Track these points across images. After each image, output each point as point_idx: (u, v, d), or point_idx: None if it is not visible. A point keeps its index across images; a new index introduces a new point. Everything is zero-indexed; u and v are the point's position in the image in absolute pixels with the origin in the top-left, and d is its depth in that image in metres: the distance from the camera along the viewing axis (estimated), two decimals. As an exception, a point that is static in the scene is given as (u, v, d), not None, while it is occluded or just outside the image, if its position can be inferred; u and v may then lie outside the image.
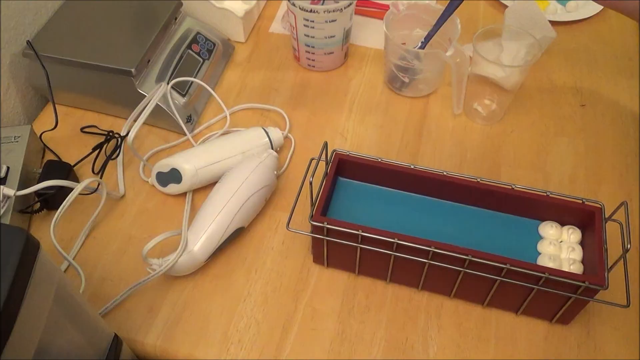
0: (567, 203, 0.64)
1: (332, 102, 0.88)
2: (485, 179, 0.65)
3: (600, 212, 0.63)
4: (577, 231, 0.65)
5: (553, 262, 0.62)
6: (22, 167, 0.73)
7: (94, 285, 0.68)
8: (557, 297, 0.60)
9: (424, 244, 0.59)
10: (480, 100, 0.84)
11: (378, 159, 0.68)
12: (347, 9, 0.83)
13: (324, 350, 0.63)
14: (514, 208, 0.67)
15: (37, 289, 0.41)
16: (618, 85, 0.89)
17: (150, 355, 0.65)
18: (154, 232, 0.70)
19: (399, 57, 0.82)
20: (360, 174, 0.70)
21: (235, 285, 0.68)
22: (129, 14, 0.86)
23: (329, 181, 0.66)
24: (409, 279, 0.67)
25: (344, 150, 0.68)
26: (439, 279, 0.64)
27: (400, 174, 0.68)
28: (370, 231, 0.60)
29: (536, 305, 0.63)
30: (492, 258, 0.58)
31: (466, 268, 0.60)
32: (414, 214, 0.69)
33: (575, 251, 0.64)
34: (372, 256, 0.64)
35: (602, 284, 0.57)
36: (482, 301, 0.65)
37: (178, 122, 0.81)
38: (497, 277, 0.60)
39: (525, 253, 0.65)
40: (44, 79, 0.79)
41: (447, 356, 0.63)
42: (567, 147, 0.82)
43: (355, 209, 0.69)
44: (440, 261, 0.61)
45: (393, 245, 0.60)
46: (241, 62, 0.94)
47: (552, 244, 0.64)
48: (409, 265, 0.63)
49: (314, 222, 0.62)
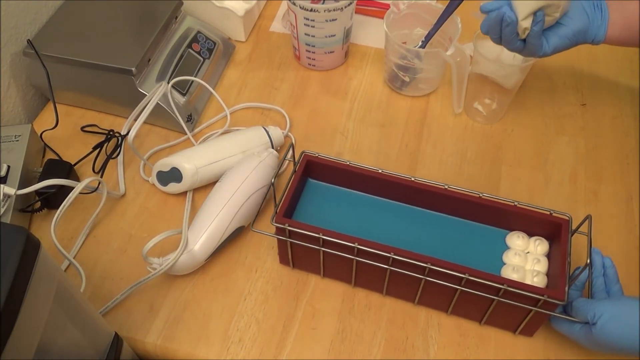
0: (534, 214, 0.63)
1: (332, 101, 0.88)
2: (453, 187, 0.65)
3: (567, 225, 0.61)
4: (544, 243, 0.64)
5: (516, 274, 0.61)
6: (22, 166, 0.73)
7: (94, 285, 0.68)
8: (519, 309, 0.59)
9: (383, 250, 0.58)
10: (480, 99, 0.84)
11: (347, 162, 0.67)
12: (347, 8, 0.83)
13: (324, 349, 0.63)
14: (483, 217, 0.66)
15: (38, 288, 0.41)
16: (618, 84, 0.89)
17: (150, 354, 0.65)
18: (154, 232, 0.70)
19: (400, 56, 0.82)
20: (330, 177, 0.70)
21: (235, 284, 0.68)
22: (129, 13, 0.86)
23: (294, 183, 0.65)
24: (373, 284, 0.66)
25: (313, 152, 0.68)
26: (401, 285, 0.63)
27: (369, 178, 0.67)
28: (331, 235, 0.60)
29: (499, 316, 0.62)
30: (452, 267, 0.57)
31: (426, 276, 0.59)
32: (382, 218, 0.68)
33: (541, 263, 0.62)
34: (336, 259, 0.63)
35: (561, 298, 0.55)
36: (445, 309, 0.64)
37: (178, 121, 0.81)
38: (457, 286, 0.59)
39: (491, 263, 0.64)
40: (45, 78, 0.79)
41: (447, 356, 0.63)
42: (568, 146, 0.81)
43: (323, 211, 0.69)
44: (401, 268, 0.60)
45: (354, 249, 0.59)
46: (241, 61, 0.94)
47: (517, 254, 0.63)
48: (372, 270, 0.62)
49: (275, 224, 0.61)
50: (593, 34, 0.69)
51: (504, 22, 0.65)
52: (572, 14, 0.67)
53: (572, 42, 0.69)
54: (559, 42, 0.68)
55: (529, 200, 0.75)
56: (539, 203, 0.75)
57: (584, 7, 0.68)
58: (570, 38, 0.68)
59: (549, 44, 0.68)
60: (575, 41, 0.69)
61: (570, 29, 0.67)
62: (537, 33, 0.65)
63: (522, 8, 0.64)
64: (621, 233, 0.72)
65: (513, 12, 0.64)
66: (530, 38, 0.66)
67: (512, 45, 0.68)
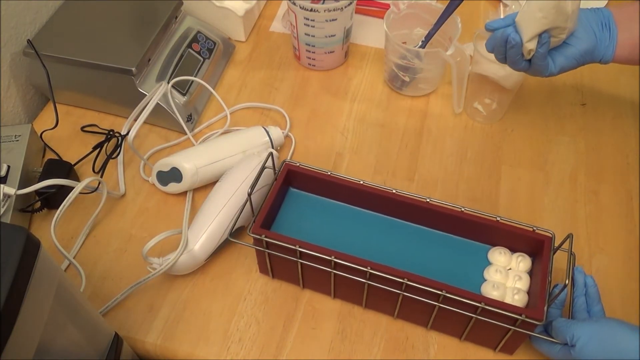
0: (517, 230, 0.62)
1: (332, 101, 0.88)
2: (435, 200, 0.64)
3: (549, 242, 0.60)
4: (527, 259, 0.63)
5: (497, 291, 0.60)
6: (22, 166, 0.73)
7: (94, 284, 0.68)
8: (498, 327, 0.57)
9: (360, 264, 0.58)
10: (480, 99, 0.84)
11: (328, 172, 0.66)
12: (347, 8, 0.83)
13: (324, 349, 0.63)
14: (465, 231, 0.65)
15: (38, 288, 0.41)
16: (618, 84, 0.89)
17: (150, 354, 0.65)
18: (154, 231, 0.70)
19: (400, 56, 0.82)
20: (312, 186, 0.69)
21: (235, 284, 0.68)
22: (129, 13, 0.86)
23: (274, 192, 0.64)
24: (352, 296, 0.65)
25: (295, 161, 0.67)
26: (380, 298, 0.62)
27: (350, 189, 0.66)
28: (308, 247, 0.59)
29: (479, 334, 0.61)
30: (429, 283, 0.56)
31: (404, 291, 0.58)
32: (363, 229, 0.67)
33: (522, 280, 0.61)
34: (314, 271, 0.62)
35: (539, 318, 0.54)
36: (425, 324, 0.63)
37: (178, 121, 0.81)
38: (435, 302, 0.58)
39: (471, 279, 0.63)
40: (45, 78, 0.79)
41: (447, 356, 0.63)
42: (568, 146, 0.81)
43: (304, 221, 0.68)
44: (379, 282, 0.59)
45: (331, 262, 0.59)
46: (242, 61, 0.94)
47: (498, 271, 0.62)
48: (350, 283, 0.60)
49: (252, 234, 0.61)
50: (601, 54, 0.67)
51: (508, 44, 0.64)
52: (580, 34, 0.65)
53: (580, 62, 0.67)
54: (566, 62, 0.66)
55: (529, 201, 0.75)
56: (539, 203, 0.75)
57: (592, 27, 0.66)
58: (577, 58, 0.66)
59: (555, 65, 0.66)
60: (582, 61, 0.67)
61: (577, 50, 0.65)
62: (543, 55, 0.64)
63: (527, 29, 0.62)
64: (621, 233, 0.72)
65: (518, 34, 0.63)
66: (536, 59, 0.65)
67: (517, 66, 0.67)
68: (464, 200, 0.75)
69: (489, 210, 0.64)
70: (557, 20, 0.61)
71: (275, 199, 0.64)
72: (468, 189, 0.77)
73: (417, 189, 0.76)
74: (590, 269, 0.69)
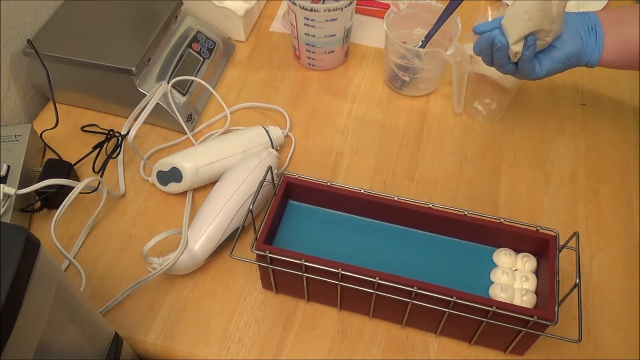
0: (520, 230, 0.62)
1: (332, 101, 0.88)
2: (437, 205, 0.64)
3: (554, 241, 0.60)
4: (532, 259, 0.63)
5: (505, 293, 0.60)
6: (22, 166, 0.73)
7: (94, 284, 0.68)
8: (509, 330, 0.57)
9: (368, 275, 0.57)
10: (480, 99, 0.84)
11: (327, 183, 0.65)
12: (347, 8, 0.83)
13: (324, 349, 0.63)
14: (469, 234, 0.65)
15: (38, 288, 0.41)
16: (618, 84, 0.89)
17: (150, 354, 0.65)
18: (154, 231, 0.70)
19: (400, 56, 0.82)
20: (311, 198, 0.68)
21: (235, 284, 0.68)
22: (129, 12, 0.86)
23: (274, 207, 0.64)
24: (359, 307, 0.64)
25: (293, 173, 0.67)
26: (388, 308, 0.62)
27: (350, 198, 0.65)
28: (314, 261, 0.58)
29: (489, 337, 0.61)
30: (439, 290, 0.56)
31: (413, 299, 0.58)
32: (366, 239, 0.67)
33: (529, 280, 0.61)
34: (320, 284, 0.61)
35: (551, 319, 0.54)
36: (434, 331, 0.63)
37: (178, 121, 0.81)
38: (445, 309, 0.57)
39: (479, 282, 0.62)
40: (45, 77, 0.79)
41: (447, 356, 0.63)
42: (568, 146, 0.81)
43: (306, 234, 0.67)
44: (387, 292, 0.58)
45: (338, 275, 0.58)
46: (242, 61, 0.94)
47: (505, 273, 0.62)
48: (357, 294, 0.60)
49: (256, 251, 0.60)
50: (587, 57, 0.68)
51: (494, 46, 0.65)
52: (566, 37, 0.66)
53: (566, 65, 0.68)
54: (552, 65, 0.67)
55: (529, 201, 0.75)
56: (539, 203, 0.75)
57: (578, 30, 0.67)
58: (563, 61, 0.67)
59: (541, 67, 0.67)
60: (568, 64, 0.68)
61: (563, 53, 0.66)
62: (529, 57, 0.65)
63: (512, 32, 0.63)
64: (621, 233, 0.72)
65: (504, 37, 0.64)
66: (522, 62, 0.65)
67: (503, 69, 0.68)
68: (464, 200, 0.75)
69: (489, 210, 0.64)
70: (543, 22, 0.62)
71: (275, 213, 0.64)
72: (468, 188, 0.77)
73: (417, 189, 0.76)
74: (591, 269, 0.69)
